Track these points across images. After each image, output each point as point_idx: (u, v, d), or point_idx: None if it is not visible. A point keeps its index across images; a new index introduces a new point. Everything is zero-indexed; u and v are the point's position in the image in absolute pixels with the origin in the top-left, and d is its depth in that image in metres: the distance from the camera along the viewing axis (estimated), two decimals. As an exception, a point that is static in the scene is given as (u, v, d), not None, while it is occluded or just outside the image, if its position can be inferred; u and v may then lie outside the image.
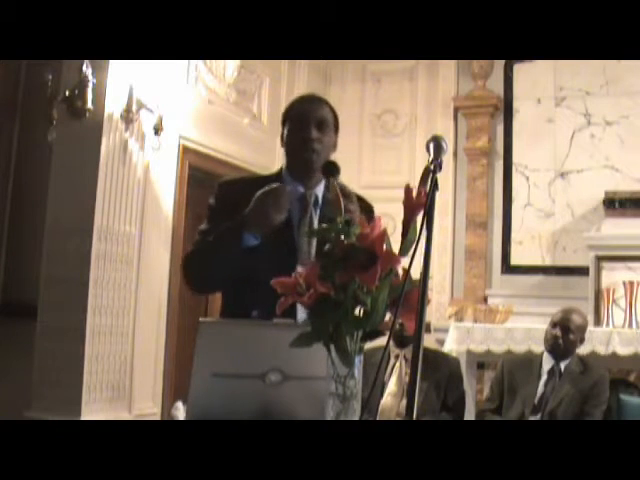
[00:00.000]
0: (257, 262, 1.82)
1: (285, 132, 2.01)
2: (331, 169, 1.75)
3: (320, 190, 2.02)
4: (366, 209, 2.00)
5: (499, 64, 5.50)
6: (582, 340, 3.56)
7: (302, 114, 1.97)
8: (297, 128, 1.96)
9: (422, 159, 5.11)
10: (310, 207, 1.96)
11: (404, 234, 1.32)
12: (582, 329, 3.54)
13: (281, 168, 2.07)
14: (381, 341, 1.34)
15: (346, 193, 1.77)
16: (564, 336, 3.47)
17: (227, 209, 1.91)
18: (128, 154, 3.79)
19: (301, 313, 1.62)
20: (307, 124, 1.94)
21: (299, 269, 1.89)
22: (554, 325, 3.52)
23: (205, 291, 2.18)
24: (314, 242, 1.92)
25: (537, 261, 5.28)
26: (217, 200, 2.02)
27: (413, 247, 1.29)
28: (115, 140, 3.71)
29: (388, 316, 1.32)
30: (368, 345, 1.35)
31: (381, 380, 3.34)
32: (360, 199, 1.99)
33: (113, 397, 3.72)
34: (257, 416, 1.38)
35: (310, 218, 1.95)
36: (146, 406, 3.97)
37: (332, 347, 1.30)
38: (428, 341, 4.56)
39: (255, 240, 1.83)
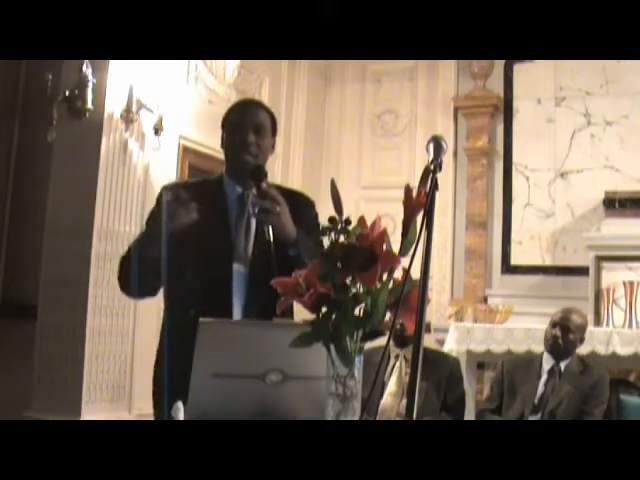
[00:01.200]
0: (193, 261, 1.92)
1: (224, 136, 2.10)
2: (257, 174, 1.93)
3: (263, 184, 2.07)
4: (305, 204, 2.13)
5: (499, 64, 5.50)
6: (582, 340, 3.56)
7: (240, 120, 2.06)
8: (235, 133, 2.05)
9: (422, 159, 5.11)
10: (248, 206, 2.04)
11: (404, 234, 1.32)
12: (582, 329, 3.54)
13: (222, 172, 2.15)
14: (381, 341, 1.34)
15: (270, 195, 1.90)
16: (564, 336, 3.47)
17: (168, 218, 1.97)
18: (128, 154, 3.79)
19: None
20: (245, 130, 2.03)
21: (235, 267, 1.96)
22: (554, 325, 3.52)
23: (139, 296, 2.28)
24: (251, 240, 2.01)
25: (537, 261, 5.28)
26: (156, 204, 2.10)
27: (413, 247, 1.29)
28: (115, 140, 3.71)
29: (388, 316, 1.32)
30: (368, 345, 1.35)
31: (381, 380, 3.34)
32: (298, 194, 2.16)
33: (113, 397, 3.72)
34: (257, 416, 1.38)
35: (248, 217, 2.03)
36: (146, 406, 3.96)
37: (332, 347, 1.30)
38: (428, 341, 4.56)
39: (158, 250, 1.89)
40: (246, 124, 2.04)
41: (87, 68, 3.52)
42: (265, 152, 2.08)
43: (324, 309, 1.30)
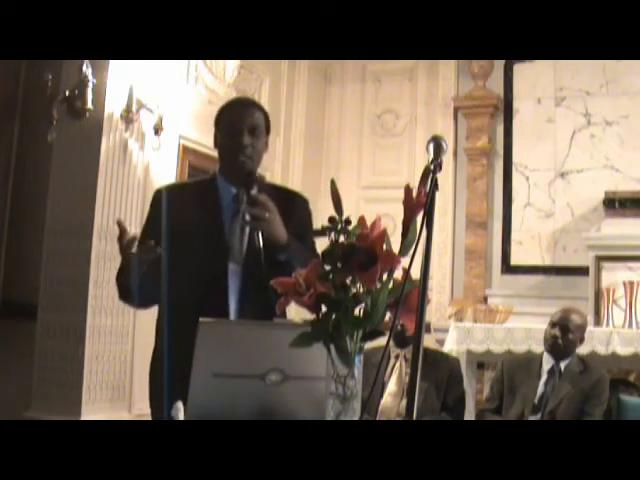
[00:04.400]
0: (189, 260, 1.91)
1: (218, 137, 2.09)
2: (248, 181, 1.94)
3: (253, 190, 2.07)
4: (297, 203, 2.14)
5: (499, 64, 5.50)
6: (582, 340, 3.55)
7: (235, 120, 2.05)
8: (230, 135, 2.04)
9: (422, 159, 5.11)
10: (242, 207, 2.02)
11: (404, 234, 1.32)
12: (581, 329, 3.54)
13: (215, 171, 2.14)
14: (381, 341, 1.34)
15: (259, 202, 1.90)
16: (563, 336, 3.47)
17: (159, 216, 2.00)
18: (128, 154, 3.79)
19: None
20: (240, 131, 2.02)
21: (230, 267, 1.96)
22: (553, 325, 3.52)
23: (140, 306, 2.29)
24: (245, 240, 2.00)
25: (537, 261, 5.28)
26: (151, 209, 2.10)
27: (413, 247, 1.29)
28: (115, 140, 3.71)
29: (388, 316, 1.32)
30: (368, 345, 1.35)
31: (381, 380, 3.34)
32: (291, 193, 2.18)
33: (113, 397, 3.72)
34: (257, 416, 1.38)
35: (242, 217, 2.01)
36: (146, 406, 3.96)
37: (332, 347, 1.30)
38: (428, 341, 4.57)
39: (142, 266, 1.87)
40: (241, 125, 2.02)
41: (87, 68, 3.52)
42: (260, 152, 2.07)
43: (324, 309, 1.30)
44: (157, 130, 3.90)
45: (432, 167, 1.27)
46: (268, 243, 1.90)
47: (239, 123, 2.03)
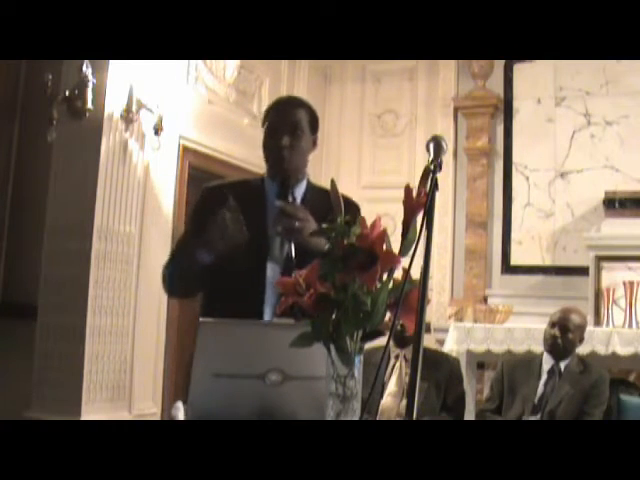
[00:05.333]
0: (231, 258, 1.90)
1: (263, 137, 2.10)
2: (282, 190, 1.96)
3: (300, 191, 2.09)
4: (351, 211, 2.10)
5: (499, 64, 5.50)
6: (581, 339, 3.55)
7: (275, 121, 2.06)
8: (270, 135, 2.05)
9: (422, 159, 5.11)
10: (273, 217, 2.02)
11: (404, 234, 1.32)
12: (581, 328, 3.54)
13: (264, 172, 2.15)
14: (381, 341, 1.34)
15: (290, 212, 1.90)
16: (563, 336, 3.47)
17: (207, 214, 2.00)
18: (128, 154, 3.79)
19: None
20: (279, 132, 2.02)
21: (269, 266, 1.96)
22: (553, 325, 3.52)
23: (179, 297, 2.34)
24: (293, 255, 1.98)
25: (537, 261, 5.28)
26: (198, 204, 2.12)
27: (413, 247, 1.29)
28: (115, 140, 3.71)
29: (388, 316, 1.32)
30: (368, 345, 1.35)
31: (381, 380, 3.34)
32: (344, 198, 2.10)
33: (113, 397, 3.72)
34: (257, 416, 1.38)
35: (275, 227, 2.01)
36: (146, 406, 3.97)
37: (332, 347, 1.30)
38: (428, 341, 4.57)
39: (209, 257, 1.90)
40: (280, 126, 2.02)
41: (87, 68, 3.52)
42: (302, 152, 2.06)
43: (324, 309, 1.29)
44: (157, 130, 3.90)
45: (432, 167, 1.27)
46: (304, 251, 1.87)
47: (278, 124, 2.03)
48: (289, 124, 2.03)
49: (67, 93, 3.56)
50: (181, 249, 2.05)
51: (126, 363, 3.80)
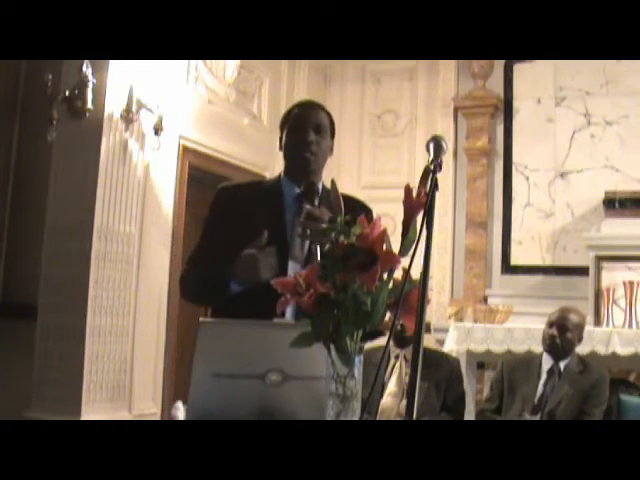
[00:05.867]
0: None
1: (284, 136, 2.10)
2: (308, 194, 1.96)
3: (316, 200, 2.07)
4: (360, 211, 2.08)
5: (499, 64, 5.50)
6: (580, 339, 3.55)
7: (301, 118, 2.07)
8: (296, 132, 2.05)
9: (422, 159, 5.11)
10: (299, 220, 2.01)
11: (404, 234, 1.32)
12: (580, 327, 3.53)
13: (280, 173, 2.14)
14: (381, 341, 1.34)
15: (316, 216, 1.88)
16: (561, 335, 3.46)
17: (225, 216, 2.02)
18: (128, 154, 3.79)
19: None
20: (305, 128, 2.03)
21: (290, 266, 1.95)
22: (551, 325, 3.51)
23: (201, 305, 2.36)
24: (307, 242, 1.99)
25: (537, 261, 5.28)
26: (215, 207, 2.10)
27: (413, 247, 1.29)
28: (115, 140, 3.71)
29: (388, 316, 1.32)
30: (368, 345, 1.35)
31: (381, 380, 3.34)
32: (354, 201, 2.12)
33: (113, 397, 3.72)
34: (257, 416, 1.38)
35: (301, 230, 2.01)
36: (146, 406, 3.97)
37: (332, 347, 1.30)
38: (428, 341, 4.57)
39: (239, 287, 1.92)
40: (307, 123, 2.04)
41: (87, 68, 3.52)
42: (324, 153, 2.08)
43: (324, 309, 1.29)
44: (157, 130, 3.89)
45: (432, 167, 1.27)
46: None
47: (304, 121, 2.05)
48: (315, 122, 2.06)
49: (67, 93, 3.56)
50: (204, 259, 2.02)
51: (126, 363, 3.80)
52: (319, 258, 1.87)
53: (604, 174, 5.10)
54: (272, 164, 4.89)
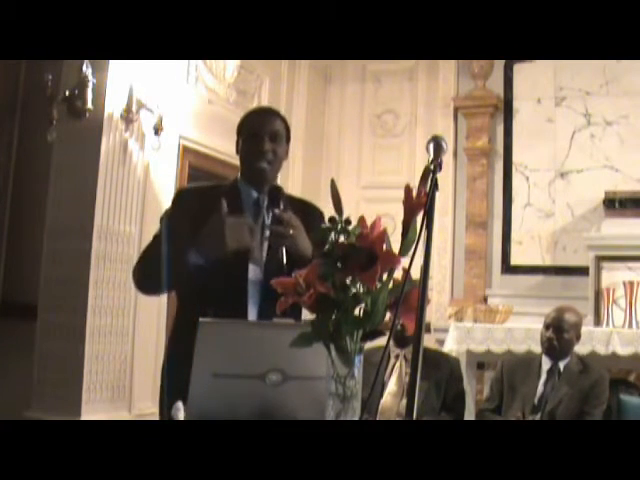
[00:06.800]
0: (209, 261, 1.93)
1: (240, 143, 2.16)
2: (274, 198, 2.03)
3: (280, 207, 2.10)
4: (314, 215, 2.17)
5: (499, 64, 5.50)
6: (578, 337, 3.54)
7: (256, 127, 2.11)
8: (252, 140, 2.10)
9: (422, 159, 5.11)
10: (263, 210, 2.09)
11: (404, 234, 1.32)
12: (576, 326, 3.52)
13: (236, 177, 2.20)
14: (381, 341, 1.34)
15: (284, 219, 1.95)
16: (558, 336, 3.45)
17: (180, 216, 2.06)
18: (128, 154, 3.79)
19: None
20: (261, 137, 2.08)
21: (250, 268, 1.98)
22: (547, 327, 3.50)
23: (149, 293, 2.39)
24: (266, 243, 2.05)
25: (537, 261, 5.28)
26: (172, 206, 2.16)
27: (413, 247, 1.29)
28: (115, 140, 3.71)
29: (388, 316, 1.32)
30: (368, 345, 1.35)
31: (381, 380, 3.34)
32: (308, 205, 2.21)
33: (113, 397, 3.72)
34: (257, 416, 1.38)
35: (263, 221, 2.08)
36: (146, 406, 3.96)
37: (332, 347, 1.30)
38: (428, 341, 4.57)
39: (201, 260, 1.92)
40: (262, 132, 2.08)
41: (87, 68, 3.52)
42: (280, 159, 2.13)
43: (324, 309, 1.29)
44: (157, 130, 3.90)
45: (432, 167, 1.27)
46: (294, 258, 1.92)
47: (260, 129, 2.09)
48: (270, 131, 2.09)
49: (67, 93, 3.56)
50: (157, 247, 2.04)
51: (126, 363, 3.80)
52: (285, 262, 1.92)
53: (604, 174, 5.10)
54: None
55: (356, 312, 1.30)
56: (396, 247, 1.31)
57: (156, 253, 2.01)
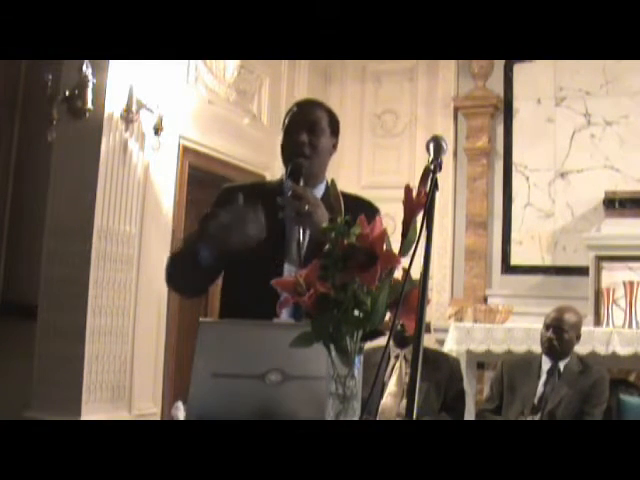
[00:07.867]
0: (248, 261, 1.85)
1: (281, 138, 2.06)
2: (294, 172, 1.89)
3: (319, 193, 2.04)
4: (368, 210, 2.01)
5: (499, 64, 5.50)
6: (578, 337, 3.54)
7: (294, 119, 2.02)
8: (289, 133, 2.01)
9: (422, 159, 5.10)
10: (282, 199, 1.95)
11: (404, 234, 1.32)
12: (576, 326, 3.53)
13: (282, 175, 2.10)
14: (381, 341, 1.34)
15: (299, 194, 1.82)
16: (558, 337, 3.46)
17: (227, 213, 1.92)
18: (128, 154, 3.79)
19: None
20: (298, 128, 1.98)
21: (286, 268, 1.93)
22: (547, 327, 3.51)
23: (187, 296, 2.28)
24: (305, 243, 1.93)
25: (537, 261, 5.28)
26: (216, 204, 2.04)
27: (413, 247, 1.29)
28: (115, 140, 3.71)
29: (388, 316, 1.31)
30: (368, 345, 1.35)
31: (381, 380, 3.34)
32: (360, 200, 2.08)
33: (113, 397, 3.72)
34: (257, 416, 1.38)
35: (283, 210, 1.94)
36: (146, 406, 3.97)
37: (332, 347, 1.30)
38: (428, 341, 4.56)
39: (210, 259, 1.82)
40: (299, 123, 1.99)
41: (87, 68, 3.52)
42: (322, 152, 2.03)
43: (324, 309, 1.29)
44: (157, 130, 3.90)
45: (432, 167, 1.27)
46: (313, 237, 1.83)
47: (297, 121, 1.99)
48: (309, 122, 1.99)
49: (67, 93, 3.56)
50: (189, 246, 1.95)
51: (126, 363, 3.80)
52: (301, 240, 1.84)
53: (604, 174, 5.10)
54: (272, 164, 4.89)
55: (356, 312, 1.30)
56: (396, 247, 1.31)
57: (187, 252, 1.90)
